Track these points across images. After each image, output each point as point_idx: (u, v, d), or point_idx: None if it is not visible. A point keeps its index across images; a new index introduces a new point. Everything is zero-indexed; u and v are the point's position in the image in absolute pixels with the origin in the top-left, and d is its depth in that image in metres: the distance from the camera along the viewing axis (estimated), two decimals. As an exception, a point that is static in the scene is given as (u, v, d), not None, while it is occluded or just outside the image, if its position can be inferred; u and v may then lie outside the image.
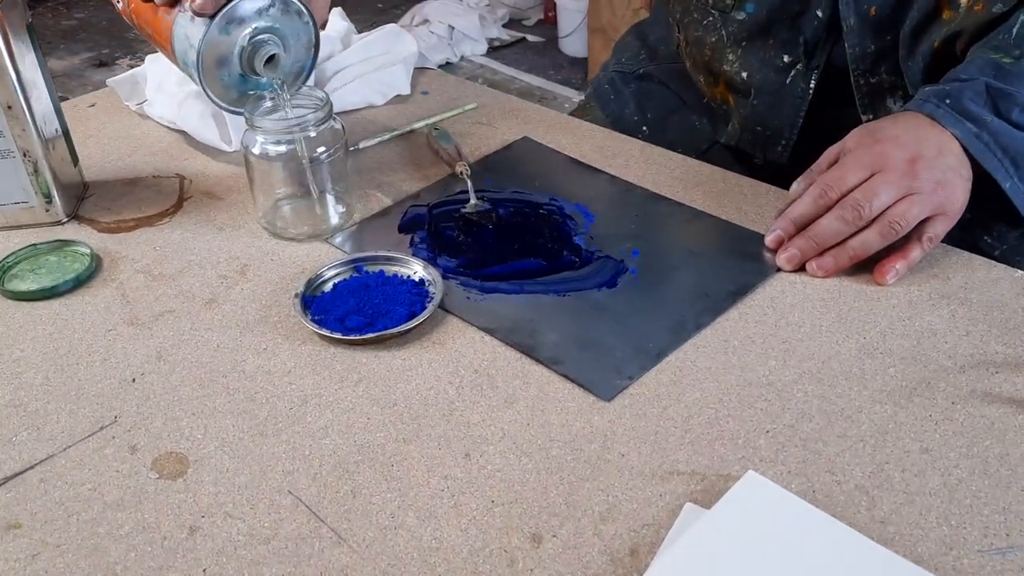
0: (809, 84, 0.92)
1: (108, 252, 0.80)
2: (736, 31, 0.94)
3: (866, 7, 0.85)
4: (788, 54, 0.92)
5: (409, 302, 0.71)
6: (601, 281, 0.75)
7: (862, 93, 0.90)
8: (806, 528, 0.53)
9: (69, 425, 0.63)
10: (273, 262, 0.78)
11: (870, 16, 0.86)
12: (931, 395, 0.63)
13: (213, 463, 0.60)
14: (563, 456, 0.59)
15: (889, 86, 0.89)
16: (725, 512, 0.54)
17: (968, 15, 0.80)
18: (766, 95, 0.95)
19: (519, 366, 0.67)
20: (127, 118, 1.02)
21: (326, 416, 0.63)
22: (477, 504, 0.56)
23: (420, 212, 0.84)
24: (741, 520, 0.53)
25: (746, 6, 0.92)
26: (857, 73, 0.89)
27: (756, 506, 0.54)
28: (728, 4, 0.93)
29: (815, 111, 0.94)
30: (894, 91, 0.89)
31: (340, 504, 0.57)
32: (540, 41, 3.68)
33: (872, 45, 0.87)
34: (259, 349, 0.69)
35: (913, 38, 0.85)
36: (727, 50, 0.96)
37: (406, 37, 1.10)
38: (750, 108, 0.97)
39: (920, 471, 0.57)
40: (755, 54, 0.94)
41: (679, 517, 0.54)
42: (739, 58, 0.95)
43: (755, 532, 0.52)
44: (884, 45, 0.87)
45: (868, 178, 0.73)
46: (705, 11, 0.96)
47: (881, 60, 0.88)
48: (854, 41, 0.87)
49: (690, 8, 0.98)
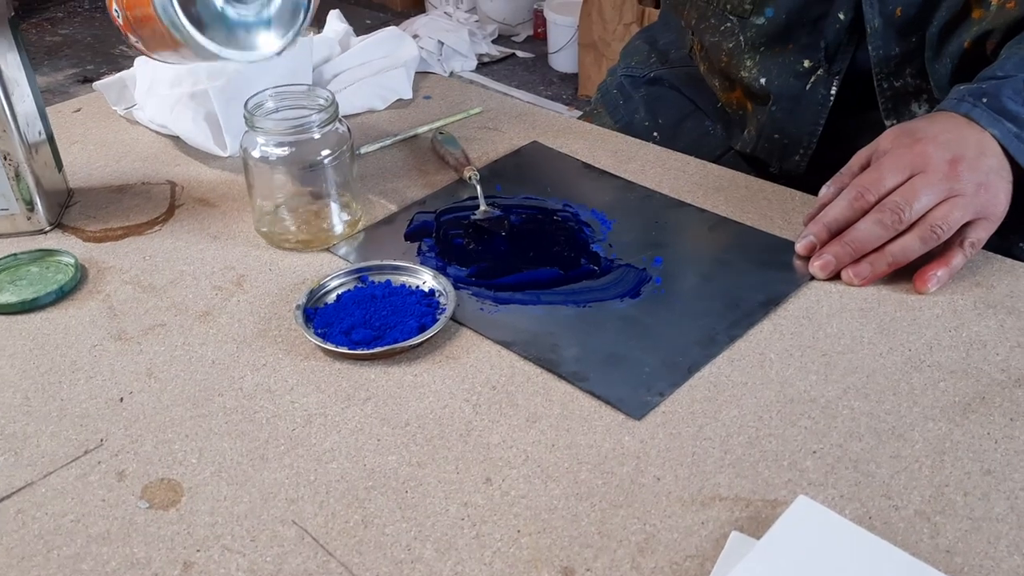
0: (830, 90, 0.88)
1: (94, 262, 0.75)
2: (754, 36, 0.90)
3: (892, 8, 0.81)
4: (808, 59, 0.88)
5: (419, 314, 0.66)
6: (623, 291, 0.70)
7: (885, 98, 0.86)
8: (867, 558, 0.48)
9: (50, 449, 0.57)
10: (272, 272, 0.73)
11: (896, 17, 0.82)
12: (987, 411, 0.58)
13: (209, 490, 0.54)
14: (593, 480, 0.54)
15: (914, 90, 0.85)
16: (777, 541, 0.49)
17: (999, 13, 0.77)
18: (785, 101, 0.91)
19: (540, 382, 0.62)
20: (114, 123, 0.96)
21: (332, 438, 0.58)
22: (501, 535, 0.51)
23: (427, 219, 0.79)
24: (796, 550, 0.48)
25: (765, 10, 0.88)
26: (881, 77, 0.85)
27: (811, 534, 0.49)
28: (747, 8, 0.89)
29: (834, 118, 0.90)
30: (919, 95, 0.86)
31: (350, 535, 0.51)
32: (530, 57, 3.64)
33: (897, 48, 0.83)
34: (258, 365, 0.64)
35: (941, 39, 0.81)
36: (745, 56, 0.92)
37: (407, 40, 1.06)
38: (768, 115, 0.93)
39: (984, 494, 0.52)
40: (774, 60, 0.90)
41: (725, 547, 0.49)
42: (757, 64, 0.91)
43: (812, 563, 0.47)
44: (909, 47, 0.83)
45: (907, 180, 0.68)
46: (723, 16, 0.92)
47: (906, 63, 0.84)
48: (878, 44, 0.83)
49: (707, 14, 0.94)
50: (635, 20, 3.04)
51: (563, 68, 3.50)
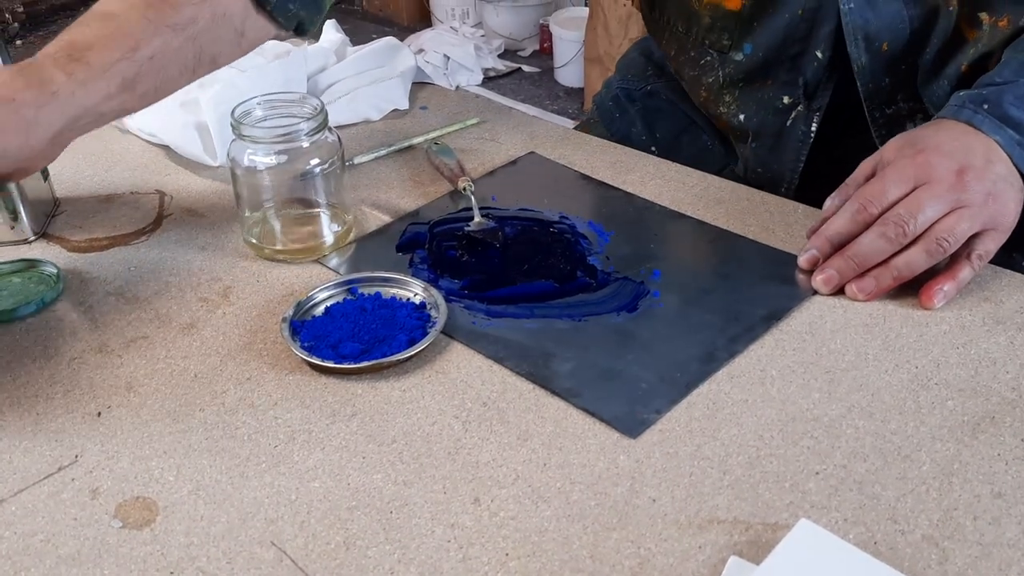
0: (811, 127, 0.86)
1: (77, 272, 0.73)
2: (733, 72, 0.88)
3: (878, 44, 0.79)
4: (788, 95, 0.86)
5: (409, 327, 0.64)
6: (620, 305, 0.68)
7: (878, 125, 0.84)
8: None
9: (23, 466, 0.55)
10: (259, 284, 0.71)
11: (882, 52, 0.79)
12: (997, 432, 0.56)
13: (185, 509, 0.52)
14: (585, 501, 0.52)
15: (908, 112, 0.83)
16: (778, 567, 0.46)
17: (994, 32, 0.75)
18: (766, 138, 0.89)
19: (532, 398, 0.60)
20: (105, 132, 0.95)
21: (315, 455, 0.56)
22: (489, 558, 0.49)
23: (420, 231, 0.77)
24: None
25: (744, 46, 0.86)
26: (872, 107, 0.83)
27: (813, 559, 0.47)
28: (725, 44, 0.87)
29: (820, 148, 0.87)
30: (913, 116, 0.83)
31: (330, 557, 0.49)
32: (536, 71, 3.64)
33: (887, 78, 0.81)
34: (241, 379, 0.62)
35: (936, 65, 0.79)
36: (724, 92, 0.90)
37: (404, 50, 1.04)
38: (750, 151, 0.91)
39: (995, 519, 0.50)
40: (752, 96, 0.88)
41: (723, 573, 0.47)
42: (736, 100, 0.89)
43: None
44: (899, 76, 0.81)
45: (911, 191, 0.66)
46: (702, 50, 0.90)
47: (897, 90, 0.82)
48: (867, 79, 0.81)
49: (686, 46, 0.92)
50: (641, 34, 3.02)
51: (569, 83, 3.49)
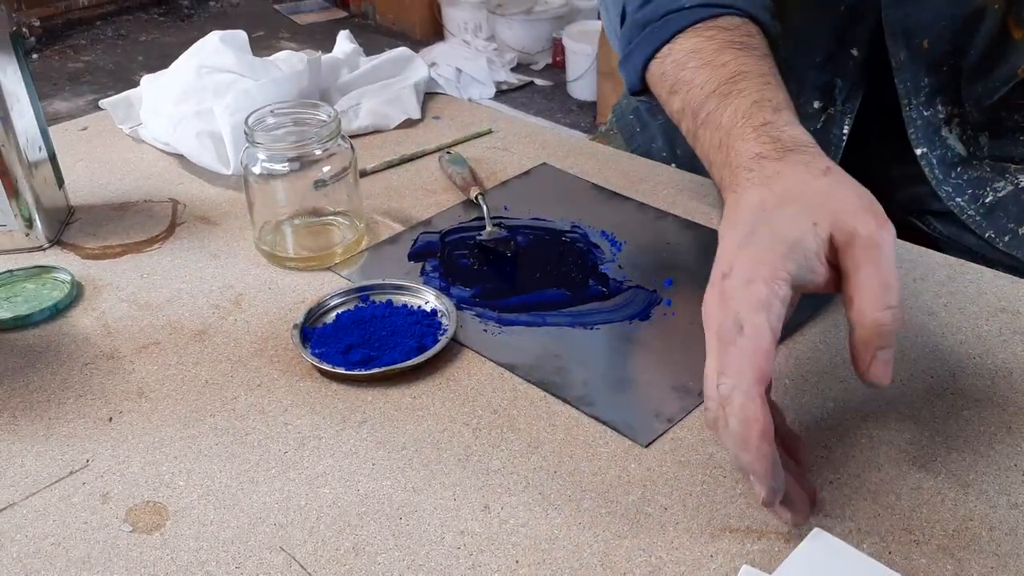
0: (843, 129, 0.85)
1: (91, 279, 0.73)
2: None
3: (918, 41, 0.78)
4: (818, 100, 0.85)
5: (419, 334, 0.64)
6: (633, 313, 0.68)
7: (916, 127, 0.82)
8: (887, 597, 0.45)
9: (34, 469, 0.55)
10: (271, 291, 0.71)
11: (923, 50, 0.78)
12: (1014, 441, 0.55)
13: (195, 514, 0.52)
14: (596, 509, 0.52)
15: (946, 116, 0.82)
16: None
17: None
18: None
19: (544, 406, 0.59)
20: (120, 141, 0.95)
21: (325, 461, 0.55)
22: (499, 565, 0.48)
23: (432, 240, 0.77)
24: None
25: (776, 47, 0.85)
26: (910, 108, 0.81)
27: (826, 570, 0.46)
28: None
29: (849, 155, 0.87)
30: (950, 121, 0.82)
31: (339, 563, 0.49)
32: (548, 85, 3.65)
33: (926, 78, 0.80)
34: (252, 385, 0.62)
35: (982, 65, 0.78)
36: None
37: (417, 60, 1.04)
38: None
39: (1011, 529, 0.49)
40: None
41: (735, 582, 0.47)
42: None
43: (828, 601, 0.45)
44: (940, 78, 0.80)
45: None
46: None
47: (937, 93, 0.81)
48: (905, 76, 0.79)
49: None
50: (653, 49, 3.03)
51: (582, 96, 3.50)
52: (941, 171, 0.82)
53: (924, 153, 0.82)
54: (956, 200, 0.82)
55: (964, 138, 0.83)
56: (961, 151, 0.83)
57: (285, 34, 4.11)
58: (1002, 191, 0.82)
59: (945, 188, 0.82)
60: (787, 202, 0.52)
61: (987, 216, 0.82)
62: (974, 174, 0.82)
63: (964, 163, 0.82)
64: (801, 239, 0.50)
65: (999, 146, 0.83)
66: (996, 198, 0.82)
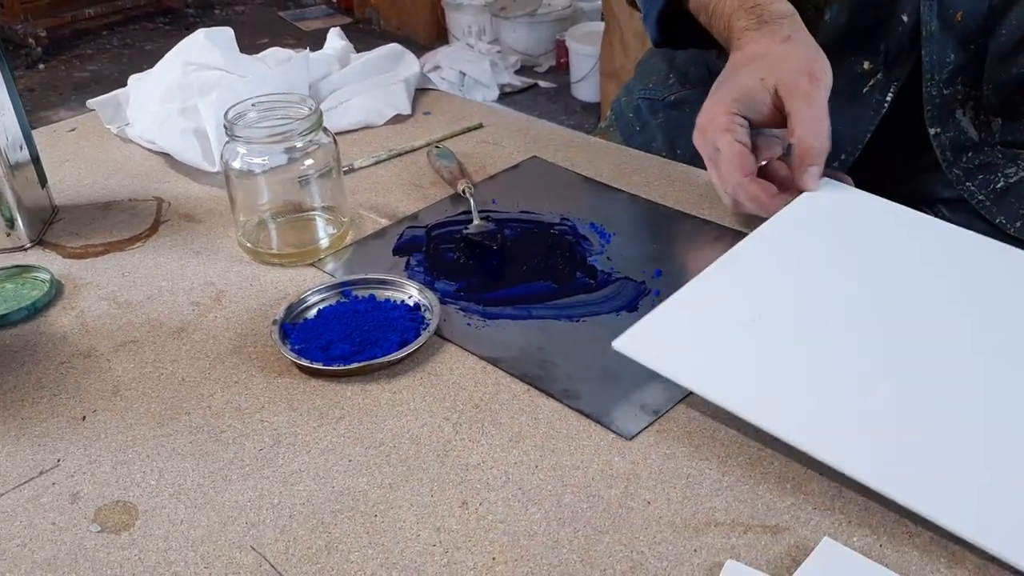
0: (886, 96, 0.83)
1: (71, 278, 0.72)
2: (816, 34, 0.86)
3: (952, 11, 0.77)
4: (868, 61, 0.84)
5: (402, 329, 0.63)
6: (620, 305, 0.66)
7: (932, 105, 0.81)
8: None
9: (4, 470, 0.54)
10: (252, 288, 0.70)
11: (955, 22, 0.77)
12: (1012, 430, 0.53)
13: (165, 513, 0.51)
14: (578, 504, 0.50)
15: (962, 97, 0.81)
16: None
17: None
18: (841, 98, 0.85)
19: (527, 400, 0.58)
20: (107, 142, 0.94)
21: (301, 458, 0.54)
22: (475, 562, 0.47)
23: (418, 233, 0.76)
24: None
25: (832, 8, 0.84)
26: (931, 84, 0.80)
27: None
28: (820, 3, 0.85)
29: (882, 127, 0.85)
30: (965, 103, 0.81)
31: (311, 562, 0.47)
32: (552, 87, 3.63)
33: (953, 55, 0.79)
34: (229, 382, 0.60)
35: (1012, 48, 0.76)
36: None
37: (408, 56, 1.03)
38: None
39: (1008, 520, 0.47)
40: (834, 58, 0.85)
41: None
42: None
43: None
44: (967, 57, 0.78)
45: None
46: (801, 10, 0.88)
47: (959, 73, 0.79)
48: (932, 48, 0.78)
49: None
50: (657, 49, 3.01)
51: (585, 98, 3.48)
52: (952, 154, 0.82)
53: (937, 134, 0.81)
54: (966, 185, 0.81)
55: (977, 123, 0.82)
56: (973, 135, 0.82)
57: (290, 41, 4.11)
58: (1013, 177, 0.81)
59: (955, 171, 0.82)
60: (749, 62, 0.72)
61: (997, 202, 0.81)
62: (985, 159, 0.82)
63: (975, 148, 0.82)
64: (751, 88, 0.70)
65: (1011, 131, 0.82)
66: (1007, 184, 0.81)
